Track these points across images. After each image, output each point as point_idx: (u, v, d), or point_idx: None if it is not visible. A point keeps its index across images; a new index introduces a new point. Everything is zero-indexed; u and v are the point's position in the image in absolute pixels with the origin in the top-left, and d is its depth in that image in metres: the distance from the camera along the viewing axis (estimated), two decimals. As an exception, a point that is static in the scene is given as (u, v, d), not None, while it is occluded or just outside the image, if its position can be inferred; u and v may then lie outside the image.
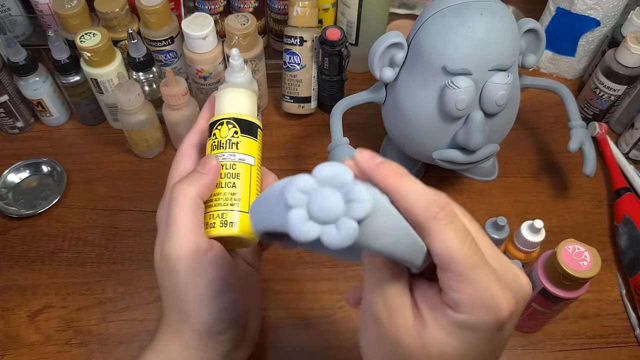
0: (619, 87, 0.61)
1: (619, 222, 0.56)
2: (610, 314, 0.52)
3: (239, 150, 0.39)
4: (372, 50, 0.48)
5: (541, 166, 0.63)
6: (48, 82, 0.61)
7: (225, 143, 0.39)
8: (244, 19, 0.58)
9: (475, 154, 0.49)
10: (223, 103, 0.41)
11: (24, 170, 0.61)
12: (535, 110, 0.68)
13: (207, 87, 0.63)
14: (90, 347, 0.49)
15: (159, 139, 0.62)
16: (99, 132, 0.66)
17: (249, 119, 0.40)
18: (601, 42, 0.66)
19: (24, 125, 0.65)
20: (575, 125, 0.55)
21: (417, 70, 0.48)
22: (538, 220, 0.46)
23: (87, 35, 0.56)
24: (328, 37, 0.57)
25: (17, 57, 0.57)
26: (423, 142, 0.51)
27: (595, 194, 0.61)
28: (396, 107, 0.51)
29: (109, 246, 0.56)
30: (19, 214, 0.58)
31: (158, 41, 0.61)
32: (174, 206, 0.36)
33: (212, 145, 0.39)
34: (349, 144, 0.53)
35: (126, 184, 0.61)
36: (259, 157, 0.40)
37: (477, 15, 0.44)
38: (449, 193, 0.59)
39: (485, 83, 0.46)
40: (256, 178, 0.39)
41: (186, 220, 0.36)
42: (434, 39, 0.45)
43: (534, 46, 0.50)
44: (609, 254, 0.56)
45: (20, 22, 0.69)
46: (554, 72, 0.72)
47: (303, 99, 0.64)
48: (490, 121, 0.48)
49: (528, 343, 0.50)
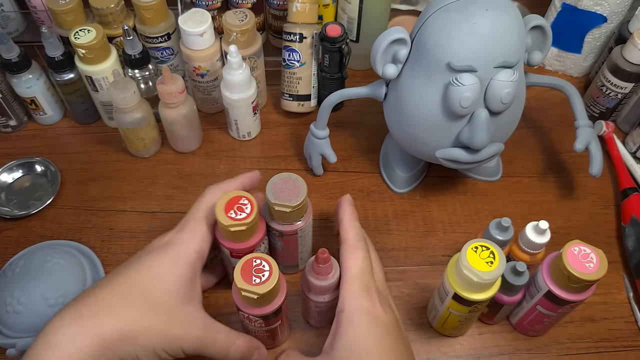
0: (626, 84, 0.60)
1: (626, 223, 0.55)
2: (617, 317, 0.51)
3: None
4: (374, 46, 0.48)
5: (546, 166, 0.62)
6: (42, 80, 0.61)
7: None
8: (242, 15, 0.57)
9: (480, 153, 0.49)
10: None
11: (17, 169, 0.60)
12: (540, 108, 0.67)
13: (205, 85, 0.62)
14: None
15: (155, 138, 0.61)
16: (93, 130, 0.65)
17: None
18: (608, 38, 0.66)
19: (16, 123, 0.64)
20: (581, 125, 0.54)
21: (420, 67, 0.47)
22: (543, 221, 0.45)
23: (82, 32, 0.55)
24: (328, 34, 0.57)
25: (9, 54, 0.57)
26: (426, 140, 0.50)
27: (602, 194, 0.60)
28: (399, 105, 0.50)
29: (104, 248, 0.55)
30: (12, 214, 0.57)
31: (154, 38, 0.60)
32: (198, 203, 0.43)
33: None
34: (328, 139, 0.57)
35: (121, 184, 0.60)
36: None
37: (483, 11, 0.44)
38: (452, 193, 0.59)
39: (490, 80, 0.45)
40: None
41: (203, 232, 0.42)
42: (438, 35, 0.45)
43: (540, 43, 0.50)
44: (615, 256, 0.55)
45: (13, 18, 0.68)
46: (559, 69, 0.71)
47: (303, 97, 0.63)
48: (495, 119, 0.48)
49: (533, 347, 0.49)
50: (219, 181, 0.59)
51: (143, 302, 0.37)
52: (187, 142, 0.62)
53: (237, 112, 0.60)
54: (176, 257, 0.39)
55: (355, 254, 0.41)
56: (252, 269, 0.38)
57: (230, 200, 0.41)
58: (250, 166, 0.62)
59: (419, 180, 0.60)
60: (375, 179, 0.60)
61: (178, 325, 0.37)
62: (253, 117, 0.61)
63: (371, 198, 0.59)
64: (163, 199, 0.58)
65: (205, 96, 0.64)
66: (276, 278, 0.38)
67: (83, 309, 0.36)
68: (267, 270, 0.38)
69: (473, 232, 0.56)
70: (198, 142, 0.63)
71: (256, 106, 0.61)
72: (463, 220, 0.57)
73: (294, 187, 0.42)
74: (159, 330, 0.36)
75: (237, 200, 0.41)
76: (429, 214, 0.58)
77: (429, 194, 0.59)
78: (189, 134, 0.60)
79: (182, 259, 0.39)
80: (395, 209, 0.58)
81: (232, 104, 0.59)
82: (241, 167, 0.61)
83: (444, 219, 0.57)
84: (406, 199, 0.59)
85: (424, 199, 0.59)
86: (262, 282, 0.37)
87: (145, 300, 0.37)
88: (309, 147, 0.59)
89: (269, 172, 0.61)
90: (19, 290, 0.47)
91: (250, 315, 0.40)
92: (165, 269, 0.38)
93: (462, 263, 0.40)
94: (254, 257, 0.38)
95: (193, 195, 0.59)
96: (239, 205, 0.40)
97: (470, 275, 0.40)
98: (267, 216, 0.44)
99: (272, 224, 0.44)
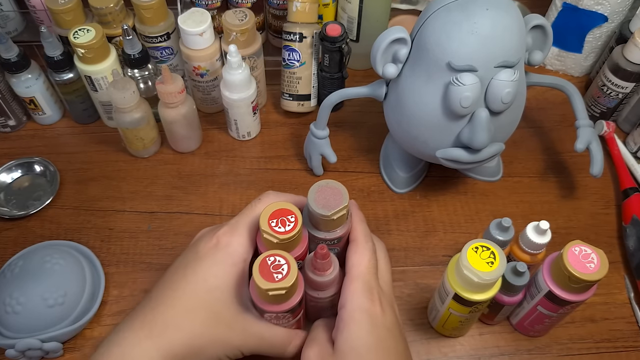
0: (627, 84, 0.60)
1: (627, 223, 0.55)
2: (618, 317, 0.51)
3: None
4: (375, 46, 0.48)
5: (547, 166, 0.62)
6: (41, 80, 0.61)
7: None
8: (242, 14, 0.57)
9: (480, 153, 0.49)
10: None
11: (16, 169, 0.60)
12: (541, 108, 0.67)
13: (204, 85, 0.62)
14: (84, 352, 0.48)
15: (154, 138, 0.61)
16: (93, 130, 0.65)
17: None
18: (609, 38, 0.65)
19: (15, 123, 0.64)
20: (582, 124, 0.54)
21: (421, 67, 0.47)
22: (544, 222, 0.45)
23: (81, 31, 0.55)
24: (328, 33, 0.57)
25: (8, 53, 0.56)
26: (426, 140, 0.50)
27: (603, 194, 0.60)
28: (399, 105, 0.50)
29: (103, 248, 0.55)
30: (11, 214, 0.57)
31: (154, 37, 0.60)
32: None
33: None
34: (328, 138, 0.57)
35: (121, 184, 0.60)
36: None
37: (483, 11, 0.43)
38: (453, 193, 0.59)
39: (490, 80, 0.45)
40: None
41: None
42: (438, 34, 0.45)
43: (540, 43, 0.49)
44: (616, 256, 0.55)
45: (12, 17, 0.68)
46: (560, 69, 0.71)
47: (302, 96, 0.63)
48: (495, 119, 0.48)
49: (534, 347, 0.49)
50: (218, 181, 0.60)
51: (206, 316, 0.39)
52: (186, 142, 0.61)
53: (236, 112, 0.59)
54: (229, 265, 0.40)
55: (362, 254, 0.41)
56: (269, 268, 0.38)
57: (277, 211, 0.40)
58: (250, 166, 0.61)
59: (419, 180, 0.60)
60: (376, 179, 0.60)
61: (237, 333, 0.39)
62: (253, 117, 0.61)
63: (371, 198, 0.59)
64: (162, 199, 0.58)
65: (205, 96, 0.64)
66: (295, 268, 0.38)
67: (153, 326, 0.38)
68: (284, 263, 0.38)
69: (473, 232, 0.56)
70: (198, 142, 0.63)
71: (256, 106, 0.61)
72: (463, 220, 0.57)
73: (334, 193, 0.41)
74: (222, 340, 0.39)
75: (284, 213, 0.40)
76: (430, 214, 0.58)
77: (429, 194, 0.59)
78: (189, 133, 0.60)
79: (234, 268, 0.40)
80: (396, 209, 0.58)
81: (232, 104, 0.58)
82: (241, 167, 0.61)
83: (444, 219, 0.57)
84: (406, 199, 0.59)
85: (424, 199, 0.59)
86: (285, 276, 0.37)
87: (208, 314, 0.39)
88: (309, 147, 0.58)
89: (269, 172, 0.61)
90: (18, 291, 0.47)
91: (279, 313, 0.40)
92: (221, 281, 0.40)
93: (462, 263, 0.40)
94: (266, 257, 0.38)
95: (193, 195, 0.59)
96: (283, 219, 0.39)
97: (470, 276, 0.40)
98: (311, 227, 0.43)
99: (325, 234, 0.42)
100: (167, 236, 0.56)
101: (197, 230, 0.56)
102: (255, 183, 0.60)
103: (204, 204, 0.58)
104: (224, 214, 0.57)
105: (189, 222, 0.57)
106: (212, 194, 0.59)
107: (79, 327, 0.48)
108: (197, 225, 0.56)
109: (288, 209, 0.40)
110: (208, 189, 0.59)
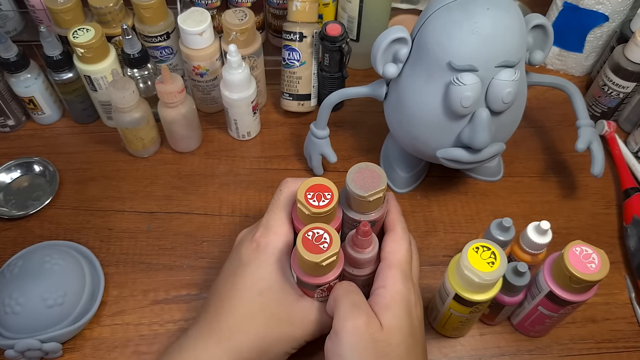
0: (628, 84, 0.60)
1: (628, 223, 0.55)
2: (619, 317, 0.51)
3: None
4: (375, 46, 0.47)
5: (548, 166, 0.62)
6: (40, 79, 0.60)
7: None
8: (241, 14, 0.57)
9: (481, 153, 0.49)
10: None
11: (15, 169, 0.60)
12: (541, 108, 0.67)
13: (204, 84, 0.62)
14: (84, 352, 0.48)
15: (154, 138, 0.61)
16: (92, 130, 0.65)
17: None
18: (609, 37, 0.65)
19: (15, 123, 0.64)
20: (583, 124, 0.54)
21: (421, 67, 0.47)
22: (545, 222, 0.45)
23: (81, 31, 0.55)
24: (328, 33, 0.57)
25: (8, 53, 0.56)
26: (427, 140, 0.50)
27: (604, 194, 0.60)
28: (399, 105, 0.50)
29: (102, 248, 0.55)
30: (10, 214, 0.57)
31: (153, 37, 0.60)
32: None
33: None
34: (328, 138, 0.57)
35: (120, 184, 0.60)
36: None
37: (484, 10, 0.43)
38: (453, 193, 0.59)
39: (491, 80, 0.45)
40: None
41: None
42: (439, 34, 0.44)
43: (541, 42, 0.49)
44: (617, 256, 0.55)
45: (11, 17, 0.68)
46: (561, 68, 0.71)
47: (303, 96, 0.63)
48: (496, 119, 0.47)
49: (534, 347, 0.49)
50: (218, 181, 0.60)
51: (266, 318, 0.41)
52: (186, 141, 0.61)
53: (236, 112, 0.59)
54: (273, 264, 0.41)
55: (400, 244, 0.41)
56: (312, 241, 0.38)
57: (315, 185, 0.40)
58: (250, 166, 0.61)
59: (420, 180, 0.60)
60: (376, 178, 0.60)
61: (298, 326, 0.41)
62: (253, 117, 0.61)
63: (371, 198, 0.59)
64: (162, 199, 0.58)
65: (205, 96, 0.63)
66: (337, 234, 0.38)
67: (219, 332, 0.40)
68: (324, 232, 0.38)
69: (474, 233, 0.56)
70: (197, 142, 0.63)
71: (256, 106, 0.60)
72: (464, 220, 0.57)
73: (373, 175, 0.41)
74: (285, 337, 0.41)
75: (322, 188, 0.40)
76: (430, 214, 0.57)
77: (429, 194, 0.59)
78: (189, 133, 0.60)
79: (279, 264, 0.41)
80: (396, 209, 0.58)
81: (232, 104, 0.58)
82: (241, 167, 0.61)
83: (444, 219, 0.57)
84: (407, 199, 0.58)
85: (424, 199, 0.59)
86: (330, 245, 0.38)
87: (267, 316, 0.41)
88: (309, 147, 0.58)
89: (269, 172, 0.61)
90: (18, 291, 0.47)
91: (330, 283, 0.40)
92: (270, 282, 0.41)
93: (463, 263, 0.40)
94: (304, 233, 0.38)
95: (193, 195, 0.59)
96: (319, 194, 0.40)
97: (471, 276, 0.40)
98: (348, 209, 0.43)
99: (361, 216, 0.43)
100: (166, 236, 0.55)
101: (197, 230, 0.57)
102: (255, 183, 0.60)
103: (204, 204, 0.58)
104: (224, 214, 0.57)
105: (188, 222, 0.57)
106: (211, 194, 0.59)
107: (78, 327, 0.48)
108: (196, 226, 0.56)
109: (326, 185, 0.40)
110: (208, 189, 0.59)
